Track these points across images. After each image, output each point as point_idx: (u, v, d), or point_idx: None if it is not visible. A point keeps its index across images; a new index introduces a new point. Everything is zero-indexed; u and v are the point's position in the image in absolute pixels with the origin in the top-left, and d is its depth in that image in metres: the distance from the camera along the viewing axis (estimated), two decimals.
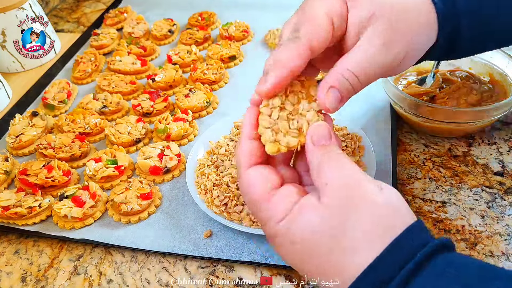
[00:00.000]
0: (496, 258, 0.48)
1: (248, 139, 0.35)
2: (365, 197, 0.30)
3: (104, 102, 0.73)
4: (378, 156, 0.58)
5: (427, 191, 0.56)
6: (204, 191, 0.55)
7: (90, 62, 0.83)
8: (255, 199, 0.34)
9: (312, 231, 0.31)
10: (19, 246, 0.55)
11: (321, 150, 0.33)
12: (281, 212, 0.32)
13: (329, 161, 0.32)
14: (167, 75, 0.77)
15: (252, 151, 0.35)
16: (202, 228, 0.53)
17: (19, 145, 0.67)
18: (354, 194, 0.31)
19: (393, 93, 0.61)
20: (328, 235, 0.30)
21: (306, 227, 0.31)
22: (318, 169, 0.32)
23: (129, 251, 0.53)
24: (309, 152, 0.34)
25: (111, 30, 0.92)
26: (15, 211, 0.55)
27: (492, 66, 0.65)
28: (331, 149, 0.33)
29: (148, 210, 0.56)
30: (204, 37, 0.87)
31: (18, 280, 0.52)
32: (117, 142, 0.65)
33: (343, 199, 0.31)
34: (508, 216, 0.52)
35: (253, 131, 0.35)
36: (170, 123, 0.66)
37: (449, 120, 0.58)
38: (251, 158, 0.35)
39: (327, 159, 0.33)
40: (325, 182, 0.32)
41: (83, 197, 0.56)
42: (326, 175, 0.32)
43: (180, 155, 0.62)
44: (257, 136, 0.35)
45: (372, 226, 0.30)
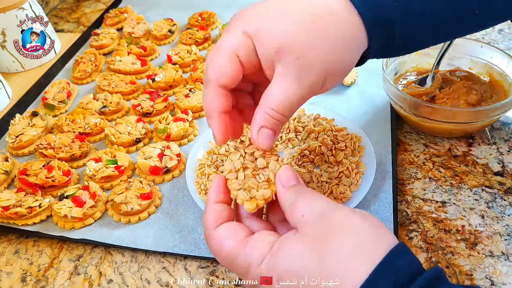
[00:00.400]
0: (496, 258, 0.48)
1: (213, 203, 0.36)
2: (344, 221, 0.31)
3: (104, 102, 0.73)
4: (378, 156, 0.58)
5: (427, 191, 0.56)
6: (204, 191, 0.55)
7: (90, 62, 0.83)
8: (229, 252, 0.34)
9: (297, 261, 0.31)
10: (19, 246, 0.55)
11: (292, 191, 0.35)
12: (260, 255, 0.32)
13: (301, 197, 0.34)
14: (167, 75, 0.77)
15: (218, 213, 0.36)
16: (202, 228, 0.53)
17: (19, 145, 0.67)
18: (332, 219, 0.31)
19: (393, 93, 0.61)
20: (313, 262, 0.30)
21: (290, 259, 0.31)
22: (292, 207, 0.33)
23: (129, 251, 0.53)
24: (281, 195, 0.35)
25: (111, 30, 0.92)
26: (15, 211, 0.55)
27: (492, 66, 0.65)
28: (301, 187, 0.35)
29: (148, 210, 0.56)
30: (204, 37, 0.87)
31: (18, 280, 0.52)
32: (117, 142, 0.65)
33: (323, 226, 0.31)
34: (508, 216, 0.52)
35: (220, 195, 0.37)
36: (170, 123, 0.66)
37: (449, 120, 0.58)
38: (217, 220, 0.36)
39: (300, 195, 0.34)
40: (301, 214, 0.32)
41: (83, 197, 0.56)
42: (301, 209, 0.33)
43: (180, 155, 0.62)
44: (223, 199, 0.37)
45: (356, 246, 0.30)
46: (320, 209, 0.32)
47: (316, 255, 0.30)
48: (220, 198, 0.37)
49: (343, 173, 0.55)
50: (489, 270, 0.47)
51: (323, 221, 0.31)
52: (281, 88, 0.34)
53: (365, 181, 0.53)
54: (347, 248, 0.30)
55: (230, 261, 0.34)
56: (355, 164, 0.56)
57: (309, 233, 0.31)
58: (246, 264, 0.33)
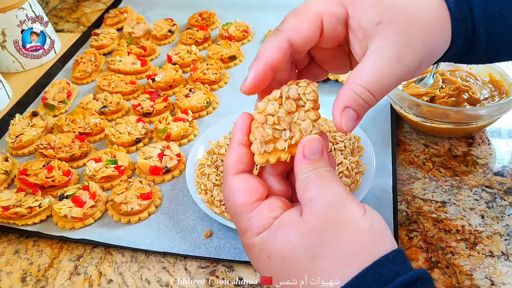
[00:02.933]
0: (496, 258, 0.48)
1: (238, 145, 0.34)
2: (348, 222, 0.30)
3: (104, 102, 0.73)
4: (378, 156, 0.58)
5: (427, 191, 0.56)
6: (204, 191, 0.55)
7: (90, 62, 0.83)
8: (236, 208, 0.33)
9: (290, 249, 0.30)
10: (19, 246, 0.55)
11: (311, 165, 0.32)
12: (260, 225, 0.31)
13: (317, 177, 0.31)
14: (167, 75, 0.77)
15: (240, 158, 0.33)
16: (202, 228, 0.53)
17: (19, 145, 0.67)
18: (337, 216, 0.30)
19: (393, 93, 0.61)
20: (305, 256, 0.29)
21: (284, 244, 0.30)
22: (305, 184, 0.31)
23: (129, 251, 0.53)
24: (298, 165, 0.32)
25: (111, 30, 0.92)
26: (15, 211, 0.55)
27: (492, 66, 0.65)
28: (321, 164, 0.32)
29: (148, 210, 0.56)
30: (204, 37, 0.87)
31: (18, 280, 0.52)
32: (117, 142, 0.65)
33: (326, 220, 0.30)
34: (508, 216, 0.52)
35: (245, 137, 0.34)
36: (170, 123, 0.66)
37: (449, 120, 0.58)
38: (239, 165, 0.33)
39: (315, 175, 0.31)
40: (310, 198, 0.31)
41: (83, 197, 0.56)
42: (312, 191, 0.31)
43: (180, 155, 0.62)
44: (248, 142, 0.34)
45: (351, 252, 0.29)
46: (330, 199, 0.30)
47: (309, 253, 0.29)
48: (244, 140, 0.33)
49: (343, 173, 0.55)
50: (489, 270, 0.47)
51: (327, 215, 0.30)
52: (377, 66, 0.31)
53: (365, 181, 0.53)
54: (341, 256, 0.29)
55: (233, 214, 0.33)
56: (355, 164, 0.56)
57: (310, 223, 0.30)
58: (245, 227, 0.32)
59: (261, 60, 0.33)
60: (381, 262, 0.28)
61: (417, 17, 0.32)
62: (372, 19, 0.31)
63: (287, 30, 0.33)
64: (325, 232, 0.29)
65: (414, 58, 0.32)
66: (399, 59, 0.31)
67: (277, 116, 0.33)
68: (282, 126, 0.33)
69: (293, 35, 0.32)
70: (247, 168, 0.34)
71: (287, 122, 0.33)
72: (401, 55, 0.31)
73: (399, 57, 0.31)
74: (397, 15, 0.31)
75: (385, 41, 0.31)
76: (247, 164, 0.34)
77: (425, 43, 0.32)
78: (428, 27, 0.32)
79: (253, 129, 0.33)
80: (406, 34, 0.31)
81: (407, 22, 0.31)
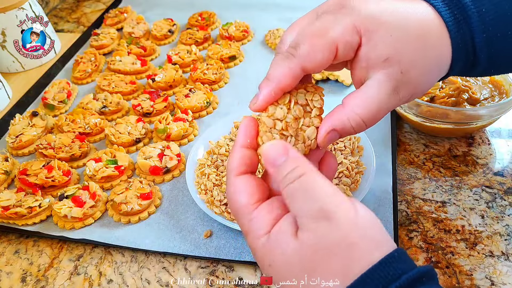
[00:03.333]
0: (496, 258, 0.48)
1: (240, 147, 0.35)
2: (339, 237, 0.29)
3: (104, 102, 0.73)
4: (378, 156, 0.58)
5: (427, 191, 0.56)
6: (204, 191, 0.55)
7: (90, 62, 0.83)
8: (238, 208, 0.33)
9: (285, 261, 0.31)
10: (19, 246, 0.55)
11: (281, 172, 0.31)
12: (259, 227, 0.32)
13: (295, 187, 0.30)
14: (167, 75, 0.77)
15: (243, 160, 0.34)
16: (202, 228, 0.53)
17: (19, 145, 0.67)
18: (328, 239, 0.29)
19: None
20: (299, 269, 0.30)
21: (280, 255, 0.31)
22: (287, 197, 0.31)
23: (129, 251, 0.53)
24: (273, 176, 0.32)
25: (111, 30, 0.92)
26: (15, 211, 0.55)
27: None
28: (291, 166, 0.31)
29: (148, 210, 0.56)
30: (204, 37, 0.87)
31: (18, 280, 0.52)
32: (117, 142, 0.65)
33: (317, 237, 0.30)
34: (508, 216, 0.52)
35: (247, 139, 0.35)
36: (170, 123, 0.66)
37: (449, 120, 0.58)
38: (241, 166, 0.34)
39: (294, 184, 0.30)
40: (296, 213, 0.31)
41: (83, 197, 0.56)
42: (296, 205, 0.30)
43: (180, 155, 0.62)
44: (251, 145, 0.35)
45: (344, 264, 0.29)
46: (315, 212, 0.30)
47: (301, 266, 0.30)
48: (247, 143, 0.35)
49: (343, 173, 0.55)
50: (489, 270, 0.47)
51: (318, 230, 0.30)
52: (376, 96, 0.33)
53: (365, 181, 0.53)
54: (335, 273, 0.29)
55: (236, 214, 0.34)
56: (355, 164, 0.56)
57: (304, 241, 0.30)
58: (247, 229, 0.33)
59: (273, 84, 0.34)
60: (386, 260, 0.29)
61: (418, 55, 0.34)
62: (381, 54, 0.33)
63: (302, 56, 0.33)
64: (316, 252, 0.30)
65: (407, 94, 0.34)
66: (398, 94, 0.34)
67: (285, 122, 0.34)
68: (289, 132, 0.34)
69: (307, 63, 0.33)
70: (249, 169, 0.35)
71: (294, 128, 0.35)
72: (400, 91, 0.34)
73: (398, 92, 0.34)
74: (405, 53, 0.33)
75: (388, 76, 0.33)
76: (249, 166, 0.35)
77: (418, 81, 0.34)
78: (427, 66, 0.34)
79: (262, 133, 0.35)
80: (408, 74, 0.33)
81: (412, 62, 0.33)
